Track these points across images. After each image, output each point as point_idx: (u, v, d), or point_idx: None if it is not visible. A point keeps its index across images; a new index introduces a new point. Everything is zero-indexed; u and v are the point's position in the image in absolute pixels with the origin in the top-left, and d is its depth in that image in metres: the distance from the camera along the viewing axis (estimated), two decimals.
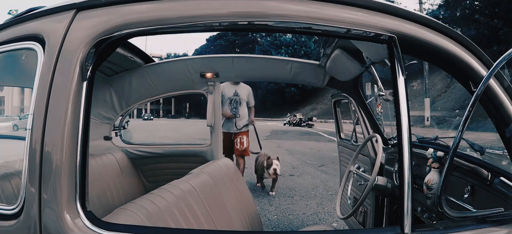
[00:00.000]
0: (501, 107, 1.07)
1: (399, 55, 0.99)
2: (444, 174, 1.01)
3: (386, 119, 2.54)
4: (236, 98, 4.86)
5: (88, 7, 1.04)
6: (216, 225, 1.52)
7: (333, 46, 2.00)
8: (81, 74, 0.98)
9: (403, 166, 0.95)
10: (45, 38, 1.05)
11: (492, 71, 0.99)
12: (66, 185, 0.94)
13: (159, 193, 1.32)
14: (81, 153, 0.97)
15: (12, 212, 1.01)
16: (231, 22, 1.00)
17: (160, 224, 1.18)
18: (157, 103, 55.85)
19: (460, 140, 1.00)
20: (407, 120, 0.97)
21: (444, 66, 1.11)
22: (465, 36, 1.07)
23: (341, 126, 3.19)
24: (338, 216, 2.06)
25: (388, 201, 2.25)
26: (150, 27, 1.00)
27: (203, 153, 2.70)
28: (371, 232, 1.54)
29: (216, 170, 1.88)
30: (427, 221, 1.65)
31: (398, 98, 0.98)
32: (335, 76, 2.42)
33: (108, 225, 0.96)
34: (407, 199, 0.93)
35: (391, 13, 1.02)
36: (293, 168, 7.20)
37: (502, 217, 1.01)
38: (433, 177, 1.56)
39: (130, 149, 2.72)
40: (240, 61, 2.56)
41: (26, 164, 0.98)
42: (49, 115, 0.97)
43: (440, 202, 1.02)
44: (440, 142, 1.82)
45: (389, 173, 2.16)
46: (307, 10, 0.99)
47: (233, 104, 4.86)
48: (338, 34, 1.07)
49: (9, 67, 1.41)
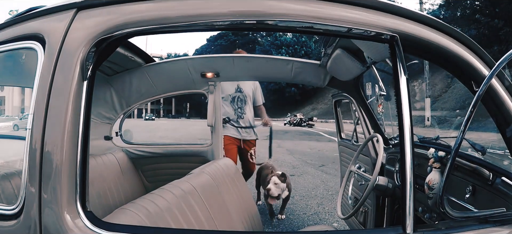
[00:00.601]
0: (502, 107, 1.07)
1: (401, 54, 0.99)
2: (446, 174, 1.01)
3: (387, 118, 2.54)
4: (239, 95, 3.84)
5: (88, 6, 1.04)
6: (217, 225, 1.52)
7: (334, 46, 2.00)
8: (81, 73, 0.98)
9: (405, 166, 0.94)
10: (45, 37, 1.05)
11: (494, 71, 0.99)
12: (66, 185, 0.94)
13: (160, 193, 1.31)
14: (81, 152, 0.96)
15: (12, 212, 1.00)
16: (232, 22, 1.00)
17: (160, 224, 1.17)
18: (158, 103, 56.00)
19: (462, 140, 0.99)
20: (409, 119, 0.97)
21: (446, 66, 1.11)
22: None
23: (341, 126, 3.19)
24: (339, 216, 2.05)
25: (389, 201, 2.24)
26: (151, 27, 0.99)
27: (203, 153, 2.70)
28: (373, 232, 1.53)
29: (217, 170, 1.88)
30: (428, 221, 1.65)
31: (400, 98, 0.98)
32: (336, 76, 2.41)
33: (109, 225, 0.96)
34: (409, 199, 0.93)
35: (393, 13, 1.02)
36: (294, 167, 7.20)
37: (504, 217, 1.01)
38: (435, 177, 1.55)
39: (130, 149, 2.71)
40: (241, 61, 2.55)
41: (26, 163, 0.97)
42: (49, 115, 0.97)
43: (442, 202, 1.02)
44: (441, 141, 1.81)
45: (390, 173, 2.16)
46: (308, 9, 0.98)
47: (237, 104, 3.84)
48: (340, 33, 1.06)
49: (9, 67, 1.41)
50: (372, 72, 2.26)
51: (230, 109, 3.81)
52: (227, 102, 3.81)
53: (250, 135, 3.87)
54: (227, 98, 3.81)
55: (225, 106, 3.81)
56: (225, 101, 3.79)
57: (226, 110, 3.80)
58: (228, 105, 3.81)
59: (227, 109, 3.81)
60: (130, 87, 2.54)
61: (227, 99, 3.80)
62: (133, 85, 2.53)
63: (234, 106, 3.84)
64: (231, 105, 3.83)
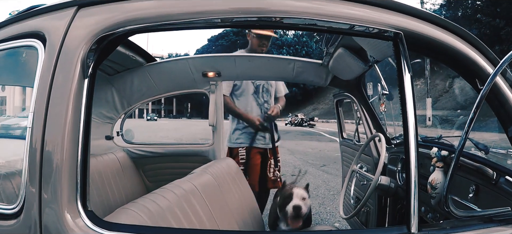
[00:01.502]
0: (507, 105, 1.06)
1: (405, 52, 0.98)
2: (450, 173, 1.00)
3: (389, 118, 2.53)
4: (263, 84, 2.80)
5: (89, 4, 1.03)
6: (219, 225, 1.51)
7: (336, 45, 1.99)
8: (82, 71, 0.97)
9: (410, 164, 0.93)
10: (46, 35, 1.04)
11: (499, 69, 0.98)
12: (66, 184, 0.93)
13: (161, 193, 1.31)
14: (82, 151, 0.95)
15: (12, 211, 1.00)
16: (233, 19, 0.99)
17: (162, 224, 1.17)
18: (159, 103, 56.00)
19: (466, 139, 0.98)
20: (413, 117, 0.96)
21: (450, 64, 1.10)
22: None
23: (343, 126, 3.18)
24: (341, 216, 2.05)
25: (391, 201, 2.23)
26: (152, 24, 0.99)
27: (205, 153, 2.69)
28: (377, 231, 1.52)
29: (218, 169, 1.87)
30: (431, 221, 1.64)
31: (404, 96, 0.97)
32: (338, 75, 2.41)
33: (110, 224, 0.95)
34: (413, 198, 0.92)
35: (397, 10, 1.01)
36: (295, 168, 7.19)
37: (509, 216, 1.00)
38: (438, 176, 1.54)
39: (131, 148, 2.71)
40: (242, 60, 2.54)
41: (26, 163, 0.97)
42: (49, 113, 0.96)
43: (446, 201, 1.01)
44: (444, 141, 1.81)
45: (392, 173, 2.15)
46: (311, 6, 0.98)
47: (262, 96, 2.78)
48: (343, 31, 1.06)
49: (10, 65, 1.40)
50: (374, 71, 2.25)
51: (253, 105, 2.79)
52: (248, 95, 2.78)
53: (276, 141, 2.89)
54: (247, 89, 2.79)
55: (242, 100, 2.80)
56: (243, 94, 2.80)
57: (246, 107, 2.78)
58: (248, 98, 2.79)
59: (248, 104, 2.79)
60: (131, 87, 2.54)
61: (247, 91, 2.78)
62: (134, 84, 2.53)
63: (259, 100, 2.80)
64: (254, 99, 2.79)
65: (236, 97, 2.82)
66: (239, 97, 2.82)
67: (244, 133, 2.79)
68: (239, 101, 2.80)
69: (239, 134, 2.80)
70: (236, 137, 2.82)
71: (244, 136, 2.79)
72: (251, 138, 2.77)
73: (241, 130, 2.80)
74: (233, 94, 2.83)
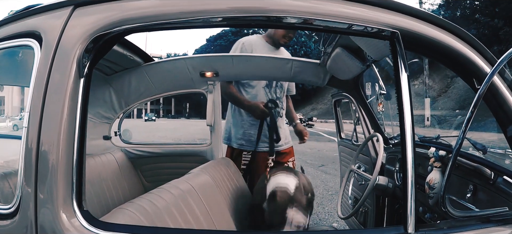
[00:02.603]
0: (504, 105, 1.06)
1: (402, 51, 0.98)
2: (448, 173, 1.00)
3: (387, 118, 2.53)
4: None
5: (85, 3, 1.03)
6: (216, 225, 1.50)
7: (333, 45, 1.99)
8: (78, 71, 0.97)
9: (407, 164, 0.93)
10: (42, 35, 1.04)
11: (496, 68, 0.98)
12: (62, 184, 0.92)
13: (158, 193, 1.30)
14: (77, 151, 0.95)
15: (7, 211, 0.99)
16: (232, 18, 0.99)
17: (158, 224, 1.16)
18: (157, 103, 55.89)
19: (463, 138, 0.98)
20: (410, 117, 0.96)
21: (448, 63, 1.10)
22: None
23: (341, 126, 3.18)
24: (339, 216, 2.04)
25: (389, 201, 2.23)
26: (149, 23, 0.98)
27: (203, 153, 2.68)
28: (374, 232, 1.52)
29: (216, 169, 1.86)
30: (429, 221, 1.64)
31: (401, 95, 0.97)
32: (336, 75, 2.40)
33: (105, 225, 0.94)
34: (410, 198, 0.92)
35: (394, 9, 1.01)
36: None
37: (506, 217, 1.00)
38: (435, 176, 1.54)
39: (129, 148, 2.70)
40: (240, 60, 2.54)
41: (22, 162, 0.96)
42: (45, 113, 0.95)
43: (444, 201, 1.01)
44: (442, 141, 1.81)
45: (390, 173, 2.15)
46: (308, 6, 0.98)
47: (274, 91, 2.54)
48: (340, 30, 1.06)
49: (6, 65, 1.40)
50: (372, 71, 2.25)
51: (263, 99, 2.49)
52: (259, 87, 2.52)
53: (287, 141, 2.64)
54: (258, 83, 2.51)
55: (251, 91, 2.53)
56: (253, 84, 2.53)
57: (254, 99, 2.50)
58: (259, 91, 2.52)
59: (257, 97, 2.51)
60: (129, 86, 2.53)
61: (259, 82, 2.53)
62: (132, 84, 2.52)
63: (271, 94, 2.53)
64: (265, 94, 2.52)
65: (244, 88, 2.54)
66: (247, 88, 2.53)
67: (247, 134, 2.53)
68: (247, 93, 2.53)
69: (242, 133, 2.54)
70: (239, 137, 2.56)
71: (247, 138, 2.53)
72: (255, 141, 2.47)
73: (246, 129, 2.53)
74: (240, 83, 2.56)
